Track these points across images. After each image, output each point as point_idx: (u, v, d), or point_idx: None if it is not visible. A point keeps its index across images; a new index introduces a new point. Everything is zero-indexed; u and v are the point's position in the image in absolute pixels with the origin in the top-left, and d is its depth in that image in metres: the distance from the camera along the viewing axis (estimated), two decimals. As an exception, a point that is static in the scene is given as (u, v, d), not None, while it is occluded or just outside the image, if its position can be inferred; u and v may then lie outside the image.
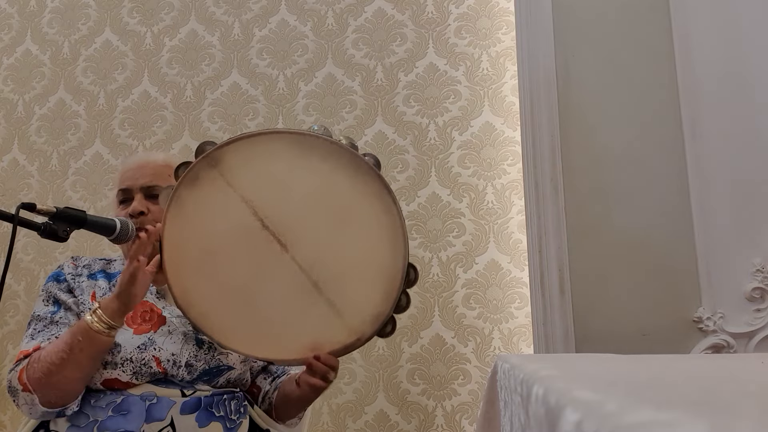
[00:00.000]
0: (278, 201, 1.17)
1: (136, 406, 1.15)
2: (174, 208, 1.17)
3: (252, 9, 2.32)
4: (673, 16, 1.81)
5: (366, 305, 1.15)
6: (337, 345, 1.16)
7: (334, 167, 1.16)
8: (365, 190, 1.16)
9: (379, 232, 1.16)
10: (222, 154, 1.17)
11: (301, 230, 1.16)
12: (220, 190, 1.17)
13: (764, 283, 1.63)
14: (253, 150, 1.18)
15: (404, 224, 1.16)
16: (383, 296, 1.15)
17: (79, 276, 1.29)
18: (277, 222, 1.16)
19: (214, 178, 1.17)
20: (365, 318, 1.15)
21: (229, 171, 1.17)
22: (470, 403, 1.86)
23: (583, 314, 1.72)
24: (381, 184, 1.15)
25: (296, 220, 1.17)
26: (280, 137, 1.19)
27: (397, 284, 1.15)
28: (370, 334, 1.16)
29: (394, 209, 1.15)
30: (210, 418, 1.20)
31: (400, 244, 1.15)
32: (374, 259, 1.16)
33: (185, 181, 1.17)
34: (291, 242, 1.16)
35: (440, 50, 2.12)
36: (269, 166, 1.18)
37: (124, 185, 1.31)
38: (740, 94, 1.72)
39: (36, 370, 1.12)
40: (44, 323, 1.22)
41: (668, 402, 0.40)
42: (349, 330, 1.15)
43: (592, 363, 0.87)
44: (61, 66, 2.45)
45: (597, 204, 1.77)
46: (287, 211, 1.17)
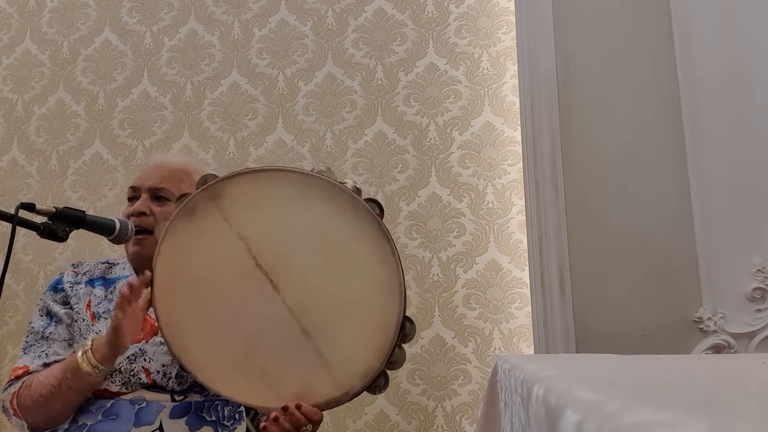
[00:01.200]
0: (274, 241, 1.15)
1: (125, 410, 1.15)
2: (169, 238, 1.15)
3: (252, 9, 2.32)
4: (674, 16, 1.80)
5: (356, 359, 1.11)
6: (322, 398, 1.11)
7: (333, 210, 1.13)
8: (364, 237, 1.13)
9: (375, 281, 1.12)
10: (222, 188, 1.15)
11: (294, 272, 1.13)
12: (217, 224, 1.15)
13: (765, 284, 1.63)
14: (254, 186, 1.16)
15: (402, 274, 1.12)
16: (375, 350, 1.10)
17: (78, 284, 1.28)
18: (271, 262, 1.14)
19: (211, 212, 1.15)
20: (353, 372, 1.10)
21: (227, 206, 1.15)
22: (470, 404, 1.86)
23: (583, 314, 1.71)
24: (381, 232, 1.13)
25: (290, 261, 1.14)
26: (282, 175, 1.17)
27: (390, 338, 1.10)
28: (358, 389, 1.11)
29: (392, 258, 1.12)
30: (201, 422, 1.19)
31: (396, 295, 1.11)
32: (368, 308, 1.12)
33: (182, 212, 1.15)
34: (283, 284, 1.13)
35: (440, 50, 2.12)
36: (268, 204, 1.16)
37: (135, 183, 1.32)
38: (740, 94, 1.72)
39: (26, 398, 1.14)
40: (35, 337, 1.24)
41: (669, 402, 0.39)
42: (335, 383, 1.11)
43: (593, 363, 0.87)
44: (61, 66, 2.45)
45: (597, 204, 1.77)
46: (282, 252, 1.14)
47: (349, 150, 2.11)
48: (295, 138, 2.16)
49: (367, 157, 2.08)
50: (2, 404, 1.18)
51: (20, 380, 1.18)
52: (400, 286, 1.12)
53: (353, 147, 2.10)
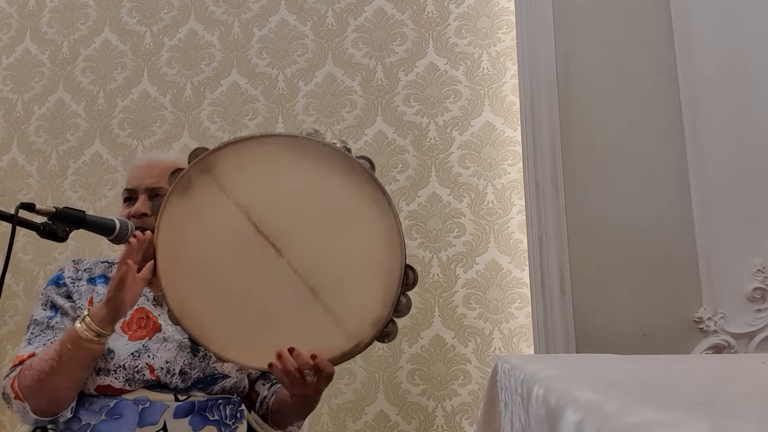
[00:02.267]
0: (272, 205, 1.15)
1: (129, 410, 1.14)
2: (167, 214, 1.16)
3: (252, 9, 2.32)
4: (674, 16, 1.80)
5: (364, 309, 1.12)
6: (336, 352, 1.12)
7: (327, 170, 1.14)
8: (360, 193, 1.14)
9: (375, 235, 1.14)
10: (215, 159, 1.16)
11: (295, 234, 1.14)
12: (213, 195, 1.15)
13: (765, 284, 1.63)
14: (245, 154, 1.16)
15: (400, 226, 1.14)
16: (382, 299, 1.12)
17: (79, 280, 1.28)
18: (272, 226, 1.14)
19: (206, 184, 1.15)
20: (364, 323, 1.12)
21: (221, 176, 1.15)
22: (470, 404, 1.86)
23: (583, 314, 1.71)
24: (376, 186, 1.14)
25: (291, 224, 1.15)
26: (273, 141, 1.18)
27: (395, 286, 1.12)
28: (369, 339, 1.12)
29: (389, 211, 1.14)
30: (204, 422, 1.19)
31: (396, 245, 1.13)
32: (371, 261, 1.14)
33: (177, 188, 1.15)
34: (286, 247, 1.14)
35: (440, 50, 2.12)
36: (262, 170, 1.16)
37: (129, 185, 1.31)
38: (740, 93, 1.72)
39: (27, 378, 1.12)
40: (41, 328, 1.22)
41: (669, 402, 0.39)
42: (348, 336, 1.12)
43: (593, 363, 0.87)
44: (61, 66, 2.45)
45: (597, 204, 1.77)
46: (281, 216, 1.15)
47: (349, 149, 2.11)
48: (295, 138, 2.16)
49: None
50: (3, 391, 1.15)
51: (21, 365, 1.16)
52: (399, 236, 1.13)
53: (353, 147, 2.10)
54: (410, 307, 1.15)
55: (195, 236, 1.16)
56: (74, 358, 1.10)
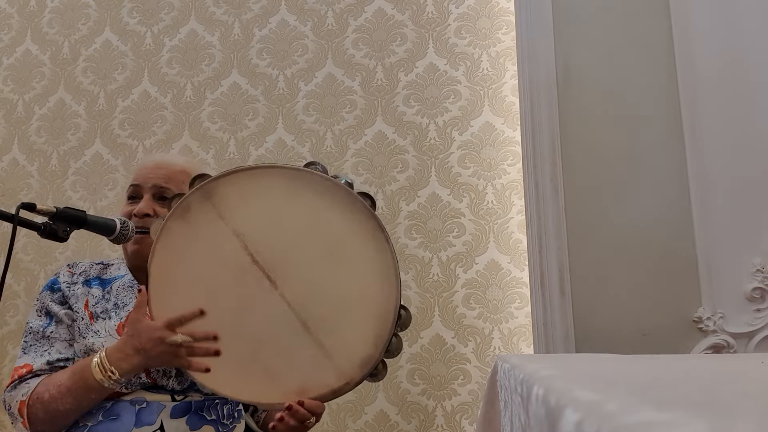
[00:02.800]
0: (270, 236, 1.15)
1: (125, 410, 1.15)
2: (164, 238, 1.15)
3: (252, 9, 2.32)
4: (673, 16, 1.81)
5: (356, 347, 1.12)
6: (325, 389, 1.12)
7: (328, 204, 1.14)
8: (359, 230, 1.14)
9: (371, 272, 1.13)
10: (216, 187, 1.15)
11: (291, 267, 1.14)
12: (212, 223, 1.14)
13: (764, 283, 1.63)
14: (248, 184, 1.16)
15: (397, 265, 1.14)
16: (374, 339, 1.12)
17: (74, 284, 1.28)
18: (268, 258, 1.14)
19: (206, 211, 1.15)
20: (354, 361, 1.11)
21: (222, 204, 1.15)
22: (470, 403, 1.86)
23: (583, 314, 1.72)
24: (375, 224, 1.14)
25: (287, 256, 1.14)
26: (276, 172, 1.17)
27: (388, 326, 1.12)
28: (359, 378, 1.12)
29: (387, 249, 1.13)
30: (201, 421, 1.19)
31: (392, 284, 1.13)
32: (365, 299, 1.13)
33: (177, 212, 1.15)
34: (281, 279, 1.13)
35: (440, 50, 2.12)
36: (263, 200, 1.16)
37: (136, 181, 1.31)
38: (740, 94, 1.72)
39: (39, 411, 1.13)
40: (35, 337, 1.22)
41: (668, 402, 0.40)
42: (338, 373, 1.12)
43: (592, 363, 0.87)
44: (61, 66, 2.45)
45: (597, 204, 1.77)
46: (278, 247, 1.14)
47: (349, 150, 2.11)
48: (296, 138, 2.17)
49: (367, 157, 2.09)
50: (8, 408, 1.16)
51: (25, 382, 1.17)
52: (396, 275, 1.13)
53: (353, 147, 2.10)
54: (401, 348, 1.14)
55: (190, 262, 1.15)
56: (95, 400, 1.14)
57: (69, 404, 1.11)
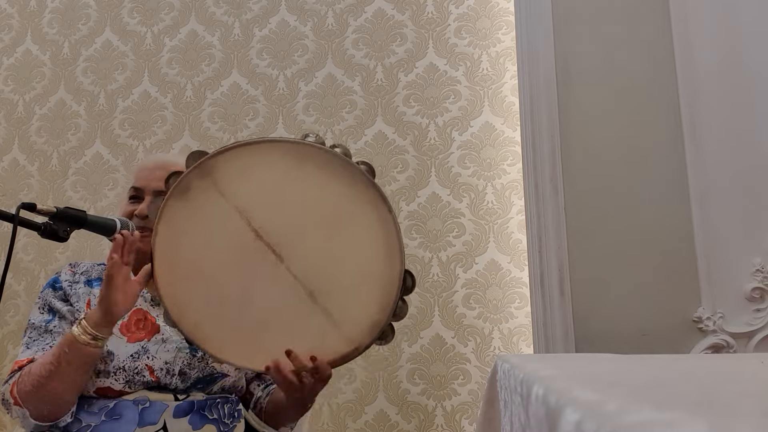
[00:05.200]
0: (272, 210, 1.15)
1: (128, 410, 1.15)
2: (165, 218, 1.15)
3: (252, 9, 2.32)
4: (673, 16, 1.81)
5: (363, 314, 1.13)
6: (335, 355, 1.13)
7: (328, 176, 1.15)
8: (360, 199, 1.14)
9: (374, 240, 1.14)
10: (215, 164, 1.15)
11: (295, 240, 1.14)
12: (213, 200, 1.14)
13: (764, 283, 1.63)
14: (246, 159, 1.16)
15: (399, 231, 1.14)
16: (380, 304, 1.13)
17: (76, 283, 1.28)
18: (271, 232, 1.14)
19: (206, 188, 1.15)
20: (363, 327, 1.13)
21: (222, 180, 1.15)
22: (470, 403, 1.87)
23: (583, 314, 1.72)
24: (376, 192, 1.14)
25: (291, 229, 1.15)
26: (274, 146, 1.17)
27: (394, 292, 1.13)
28: (368, 342, 1.13)
29: (389, 217, 1.14)
30: (203, 421, 1.19)
31: (395, 251, 1.14)
32: (370, 267, 1.14)
33: (176, 192, 1.14)
34: (285, 252, 1.14)
35: (440, 50, 2.12)
36: (263, 175, 1.16)
37: (137, 183, 1.31)
38: (740, 94, 1.72)
39: (26, 383, 1.12)
40: (38, 332, 1.22)
41: (668, 402, 0.40)
42: (346, 339, 1.13)
43: (592, 363, 0.87)
44: (62, 66, 2.45)
45: (597, 204, 1.77)
46: (281, 221, 1.15)
47: (349, 150, 2.11)
48: (295, 138, 2.16)
49: (367, 157, 2.09)
50: (2, 396, 1.15)
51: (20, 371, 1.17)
52: (399, 242, 1.14)
53: (353, 147, 2.10)
54: (407, 311, 1.16)
55: (193, 240, 1.15)
56: (72, 362, 1.10)
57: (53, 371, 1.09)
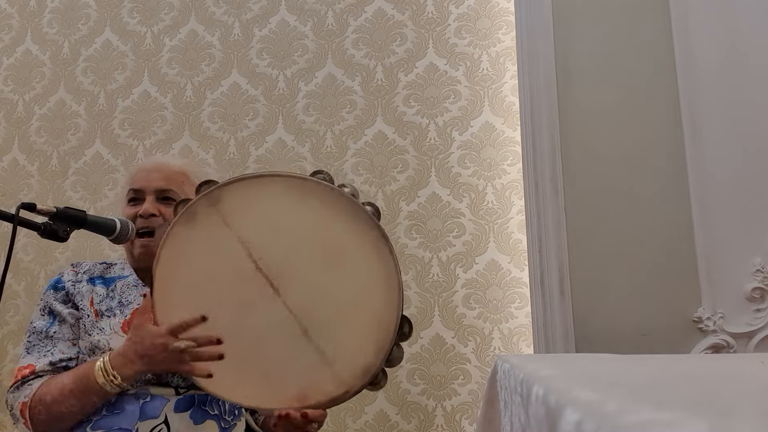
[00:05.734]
0: (274, 244, 1.16)
1: (129, 404, 1.15)
2: (169, 243, 1.16)
3: (252, 9, 2.32)
4: (673, 16, 1.80)
5: (356, 356, 1.12)
6: (325, 397, 1.12)
7: (332, 213, 1.15)
8: (362, 238, 1.14)
9: (374, 281, 1.14)
10: (222, 193, 1.16)
11: (294, 275, 1.15)
12: (217, 228, 1.15)
13: (764, 283, 1.63)
14: (253, 191, 1.17)
15: (400, 275, 1.14)
16: (375, 348, 1.12)
17: (79, 282, 1.28)
18: (271, 265, 1.15)
19: (211, 216, 1.16)
20: (355, 369, 1.12)
21: (227, 210, 1.16)
22: (470, 403, 1.87)
23: (583, 314, 1.72)
24: (379, 234, 1.14)
25: (291, 264, 1.15)
26: (282, 180, 1.18)
27: (390, 336, 1.12)
28: (359, 387, 1.12)
29: (390, 259, 1.14)
30: (204, 416, 1.20)
31: (394, 294, 1.13)
32: (367, 308, 1.14)
33: (183, 218, 1.16)
34: (283, 286, 1.14)
35: (440, 50, 2.12)
36: (268, 208, 1.17)
37: (136, 185, 1.31)
38: (740, 94, 1.72)
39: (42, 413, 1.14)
40: (39, 337, 1.23)
41: (668, 402, 0.40)
42: (337, 381, 1.12)
43: (592, 363, 0.87)
44: (61, 66, 2.45)
45: (597, 204, 1.77)
46: (282, 255, 1.15)
47: (349, 150, 2.11)
48: (296, 138, 2.17)
49: (367, 157, 2.09)
50: (10, 408, 1.17)
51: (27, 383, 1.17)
52: (398, 285, 1.13)
53: (353, 147, 2.11)
54: (402, 357, 1.14)
55: (194, 268, 1.16)
56: (97, 403, 1.14)
57: (71, 407, 1.12)
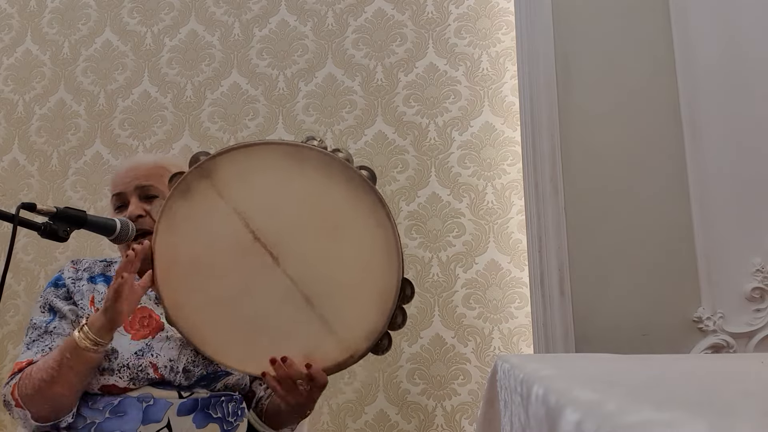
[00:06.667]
0: (271, 213, 1.15)
1: (132, 407, 1.15)
2: (165, 219, 1.15)
3: (252, 9, 2.32)
4: (673, 16, 1.81)
5: (359, 321, 1.12)
6: (330, 362, 1.13)
7: (327, 180, 1.14)
8: (359, 204, 1.14)
9: (372, 246, 1.13)
10: (215, 165, 1.15)
11: (293, 243, 1.14)
12: (212, 201, 1.15)
13: (764, 283, 1.63)
14: (246, 161, 1.16)
15: (398, 238, 1.13)
16: (377, 312, 1.12)
17: (80, 280, 1.28)
18: (269, 234, 1.14)
19: (206, 189, 1.15)
20: (358, 334, 1.12)
21: (221, 182, 1.15)
22: (470, 403, 1.87)
23: (583, 314, 1.72)
24: (375, 198, 1.13)
25: (288, 232, 1.15)
26: (275, 148, 1.17)
27: (391, 299, 1.12)
28: (363, 350, 1.12)
29: (388, 223, 1.13)
30: (207, 419, 1.20)
31: (394, 258, 1.13)
32: (368, 273, 1.13)
33: (177, 192, 1.15)
34: (283, 255, 1.14)
35: (440, 50, 2.12)
36: (262, 177, 1.16)
37: (117, 189, 1.30)
38: (740, 93, 1.72)
39: (27, 386, 1.13)
40: (39, 332, 1.22)
41: (668, 402, 0.40)
42: (341, 346, 1.12)
43: (592, 363, 0.87)
44: (61, 66, 2.46)
45: (597, 204, 1.77)
46: (279, 224, 1.15)
47: (349, 150, 2.11)
48: (296, 138, 2.17)
49: (367, 157, 2.09)
50: (3, 398, 1.16)
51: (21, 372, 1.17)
52: (397, 248, 1.13)
53: (353, 147, 2.11)
54: (405, 320, 1.14)
55: (193, 241, 1.16)
56: (73, 366, 1.11)
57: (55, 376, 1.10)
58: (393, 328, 1.13)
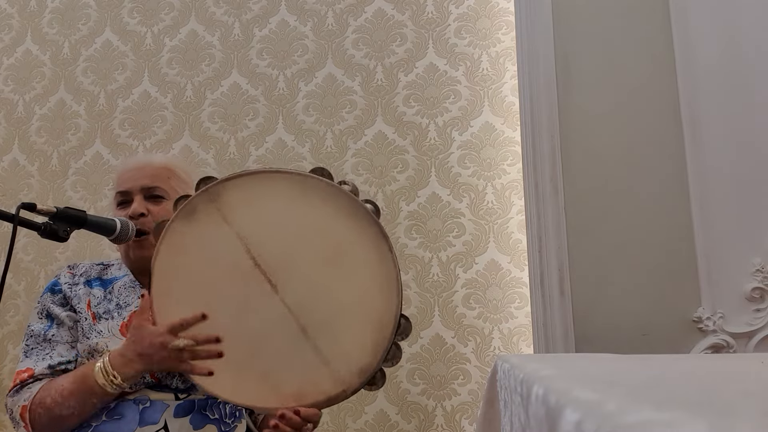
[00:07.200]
0: (273, 240, 1.15)
1: (129, 410, 1.15)
2: (168, 239, 1.15)
3: (252, 9, 2.32)
4: (673, 16, 1.81)
5: (354, 355, 1.11)
6: (321, 396, 1.11)
7: (332, 211, 1.14)
8: (362, 236, 1.14)
9: (372, 279, 1.13)
10: (221, 190, 1.16)
11: (293, 272, 1.14)
12: (216, 225, 1.15)
13: (764, 283, 1.63)
14: (253, 187, 1.16)
15: (399, 274, 1.13)
16: (372, 347, 1.11)
17: (76, 285, 1.28)
18: (270, 261, 1.14)
19: (210, 213, 1.15)
20: (352, 369, 1.11)
21: (226, 206, 1.15)
22: (470, 403, 1.87)
23: (583, 314, 1.72)
24: (378, 231, 1.13)
25: (289, 261, 1.14)
26: (282, 177, 1.17)
27: (387, 335, 1.11)
28: (356, 386, 1.11)
29: (389, 257, 1.13)
30: (204, 420, 1.19)
31: (393, 293, 1.12)
32: (366, 306, 1.13)
33: (182, 214, 1.15)
34: (282, 283, 1.14)
35: (440, 50, 2.12)
36: (267, 204, 1.16)
37: (123, 187, 1.30)
38: (740, 94, 1.72)
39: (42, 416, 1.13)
40: (37, 340, 1.22)
41: (668, 402, 0.40)
42: (334, 380, 1.11)
43: (592, 363, 0.87)
44: (62, 66, 2.45)
45: (597, 204, 1.77)
46: (281, 251, 1.15)
47: (349, 150, 2.11)
48: (296, 138, 2.17)
49: (367, 157, 2.09)
50: (10, 412, 1.16)
51: (27, 386, 1.17)
52: (397, 284, 1.13)
53: (353, 147, 2.11)
54: (400, 357, 1.13)
55: (193, 264, 1.16)
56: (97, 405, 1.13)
57: (71, 409, 1.11)
58: (387, 365, 1.12)
